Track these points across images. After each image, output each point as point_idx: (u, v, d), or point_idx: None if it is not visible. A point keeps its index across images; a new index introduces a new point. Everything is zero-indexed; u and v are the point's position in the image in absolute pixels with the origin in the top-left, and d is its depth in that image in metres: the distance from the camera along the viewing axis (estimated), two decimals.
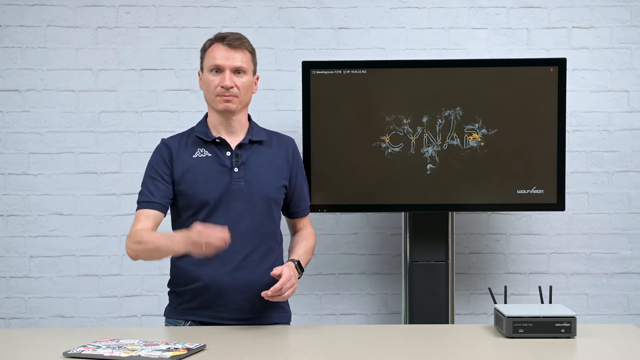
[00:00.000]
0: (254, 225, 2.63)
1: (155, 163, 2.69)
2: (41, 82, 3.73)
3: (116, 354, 2.11)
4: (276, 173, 2.69)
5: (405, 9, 3.76)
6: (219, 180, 2.62)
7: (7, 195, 3.74)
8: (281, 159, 2.73)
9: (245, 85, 2.65)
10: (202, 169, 2.63)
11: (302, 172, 2.81)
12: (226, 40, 2.64)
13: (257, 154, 2.68)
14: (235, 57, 2.63)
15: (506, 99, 3.30)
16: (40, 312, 3.75)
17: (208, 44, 2.70)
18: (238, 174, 2.63)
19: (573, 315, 2.36)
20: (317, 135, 3.28)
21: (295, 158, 2.77)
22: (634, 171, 3.77)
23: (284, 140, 2.78)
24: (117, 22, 3.74)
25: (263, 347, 2.28)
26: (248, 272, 2.61)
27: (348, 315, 3.80)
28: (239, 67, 2.64)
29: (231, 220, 2.58)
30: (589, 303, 3.79)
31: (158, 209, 2.62)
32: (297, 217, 2.83)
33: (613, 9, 3.75)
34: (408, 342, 2.40)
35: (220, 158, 2.64)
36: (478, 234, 3.80)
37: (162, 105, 3.76)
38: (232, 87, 2.61)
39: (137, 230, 2.57)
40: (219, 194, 2.61)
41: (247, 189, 2.62)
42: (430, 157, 3.31)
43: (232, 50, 2.63)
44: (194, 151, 2.66)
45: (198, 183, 2.61)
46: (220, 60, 2.63)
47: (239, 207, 2.61)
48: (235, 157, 2.64)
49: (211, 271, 2.60)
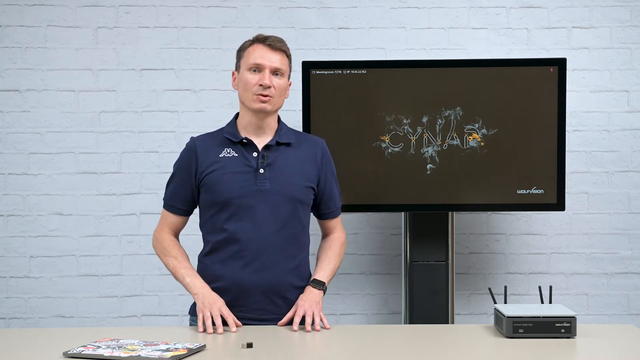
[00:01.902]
0: (279, 226, 2.63)
1: (181, 164, 2.73)
2: (41, 82, 3.73)
3: (116, 354, 2.11)
4: (302, 174, 2.69)
5: (405, 9, 3.76)
6: (243, 180, 2.63)
7: (7, 195, 3.74)
8: (309, 160, 2.72)
9: (281, 87, 2.66)
10: (227, 168, 2.64)
11: (332, 174, 2.80)
12: (268, 41, 2.66)
13: (284, 155, 2.68)
14: (275, 59, 2.64)
15: (506, 99, 3.30)
16: (40, 312, 3.75)
17: (247, 44, 2.70)
18: (263, 175, 2.63)
19: (573, 315, 2.36)
20: (317, 135, 3.28)
21: (325, 159, 2.76)
22: (634, 171, 3.77)
23: (313, 142, 2.78)
24: (117, 22, 3.74)
25: (263, 347, 2.28)
26: (271, 273, 2.62)
27: (348, 315, 3.80)
28: (278, 68, 2.65)
29: (255, 221, 2.61)
30: (589, 303, 3.79)
31: (180, 214, 2.74)
32: (327, 219, 2.82)
33: (613, 9, 3.75)
34: (408, 342, 2.40)
35: (247, 159, 2.65)
36: (478, 234, 3.80)
37: (162, 105, 3.76)
38: (270, 86, 2.62)
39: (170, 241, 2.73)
40: (243, 193, 2.62)
41: (272, 190, 2.63)
42: (430, 157, 3.31)
43: (272, 51, 2.65)
44: (221, 151, 2.68)
45: (223, 182, 2.63)
46: (261, 59, 2.63)
47: (263, 208, 2.62)
48: (261, 158, 2.65)
49: (235, 271, 2.62)
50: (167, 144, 3.74)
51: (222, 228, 2.64)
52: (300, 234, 2.69)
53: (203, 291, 2.56)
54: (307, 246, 2.74)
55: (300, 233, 2.69)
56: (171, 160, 3.74)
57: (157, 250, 2.74)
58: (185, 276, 2.62)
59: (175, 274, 2.66)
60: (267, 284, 2.62)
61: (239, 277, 2.62)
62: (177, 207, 2.72)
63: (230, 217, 2.63)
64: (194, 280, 2.61)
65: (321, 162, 2.74)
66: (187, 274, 2.63)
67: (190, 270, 2.65)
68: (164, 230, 2.74)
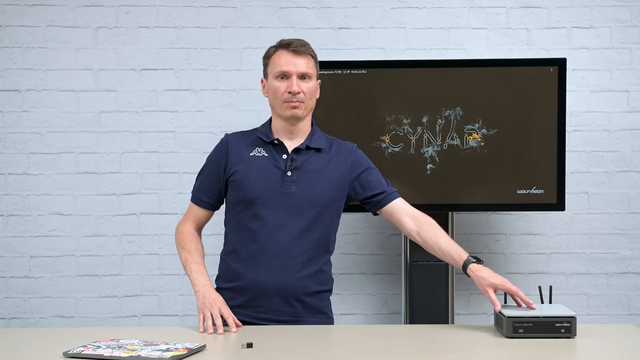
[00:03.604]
0: (301, 229, 2.63)
1: (212, 158, 2.75)
2: (41, 82, 3.73)
3: (116, 354, 2.11)
4: (330, 180, 2.67)
5: (405, 9, 3.76)
6: (270, 180, 2.63)
7: (7, 195, 3.74)
8: (339, 167, 2.70)
9: (310, 90, 2.66)
10: (256, 167, 2.65)
11: (369, 165, 2.74)
12: (291, 46, 2.65)
13: (313, 159, 2.68)
14: (300, 63, 2.64)
15: (506, 99, 3.30)
16: (40, 312, 3.75)
17: (272, 51, 2.69)
18: (290, 177, 2.63)
19: (573, 315, 2.36)
20: None
21: (357, 160, 2.72)
22: (634, 171, 3.77)
23: (344, 147, 2.76)
24: (117, 22, 3.74)
25: (262, 347, 2.28)
26: (290, 276, 2.62)
27: (348, 315, 3.80)
28: (305, 72, 2.64)
29: (278, 222, 2.62)
30: (589, 303, 3.79)
31: (206, 208, 2.75)
32: (389, 202, 2.69)
33: (613, 9, 3.75)
34: (408, 342, 2.40)
35: (276, 160, 2.66)
36: (478, 234, 3.80)
37: (162, 105, 3.76)
38: (299, 92, 2.62)
39: (189, 234, 2.73)
40: (268, 193, 2.62)
41: (298, 194, 2.63)
42: (430, 157, 3.31)
43: (297, 56, 2.64)
44: (252, 149, 2.69)
45: (250, 180, 2.64)
46: (287, 66, 2.63)
47: (287, 210, 2.62)
48: (290, 160, 2.65)
49: (255, 271, 2.62)
50: (167, 144, 3.74)
51: (245, 227, 2.65)
52: (323, 239, 2.68)
53: (204, 290, 2.56)
54: (330, 252, 2.73)
55: (324, 238, 2.68)
56: (171, 160, 3.75)
57: (176, 241, 2.75)
58: (192, 271, 2.62)
59: (185, 267, 2.68)
60: (285, 286, 2.61)
61: (258, 277, 2.62)
62: (203, 200, 2.73)
63: (254, 216, 2.63)
64: (198, 277, 2.60)
65: (351, 165, 2.72)
66: (195, 269, 2.63)
67: (199, 266, 2.64)
68: (187, 222, 2.75)
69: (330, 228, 2.70)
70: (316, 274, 2.67)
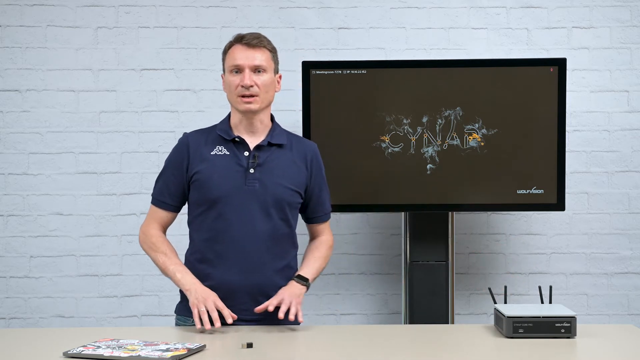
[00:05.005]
0: (267, 227, 2.62)
1: (172, 159, 2.72)
2: (41, 82, 3.73)
3: (116, 354, 2.11)
4: (291, 177, 2.67)
5: (405, 9, 3.76)
6: (233, 179, 2.62)
7: (7, 195, 3.74)
8: (299, 164, 2.70)
9: (265, 83, 2.64)
10: (218, 166, 2.64)
11: (322, 178, 2.78)
12: (244, 39, 2.64)
13: (275, 156, 2.67)
14: (254, 56, 2.63)
15: (506, 99, 3.30)
16: (40, 312, 3.75)
17: (228, 45, 2.69)
18: (253, 175, 2.62)
19: (573, 315, 2.36)
20: (317, 135, 3.28)
21: (315, 164, 2.74)
22: (634, 171, 3.77)
23: (304, 144, 2.76)
24: (117, 22, 3.74)
25: (263, 347, 2.28)
26: (258, 274, 2.61)
27: (348, 315, 3.80)
28: (258, 65, 2.63)
29: (244, 221, 2.60)
30: (589, 303, 3.79)
31: (169, 210, 2.72)
32: (315, 223, 2.80)
33: (613, 9, 3.75)
34: (408, 342, 2.40)
35: (238, 157, 2.64)
36: (478, 234, 3.80)
37: (162, 105, 3.76)
38: (252, 85, 2.61)
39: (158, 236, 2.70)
40: (231, 192, 2.61)
41: (261, 191, 2.62)
42: (430, 157, 3.31)
43: (250, 49, 2.63)
44: (213, 148, 2.67)
45: (212, 180, 2.62)
46: (240, 60, 2.63)
47: (252, 208, 2.61)
48: (252, 158, 2.64)
49: (223, 271, 2.61)
50: (167, 144, 3.74)
51: (209, 227, 2.63)
52: (288, 235, 2.68)
53: (195, 287, 2.55)
54: (295, 247, 2.73)
55: (288, 234, 2.68)
56: None
57: (145, 246, 2.71)
58: (175, 272, 2.60)
59: (164, 270, 2.64)
60: (253, 285, 2.60)
61: (226, 277, 2.60)
62: (166, 202, 2.70)
63: (218, 216, 2.61)
64: (185, 276, 2.59)
65: (311, 166, 2.73)
66: (178, 269, 2.61)
67: (180, 266, 2.63)
68: (152, 225, 2.72)
69: (293, 223, 2.70)
70: (283, 270, 2.65)
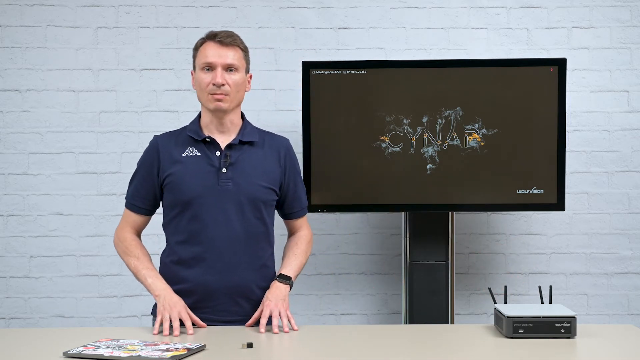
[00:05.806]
0: (242, 226, 2.61)
1: (143, 163, 2.70)
2: (41, 82, 3.73)
3: (116, 354, 2.11)
4: (265, 175, 2.66)
5: (405, 9, 3.76)
6: (206, 180, 2.60)
7: (7, 195, 3.74)
8: (272, 160, 2.69)
9: (236, 83, 2.62)
10: (190, 167, 2.62)
11: (296, 173, 2.76)
12: (217, 37, 2.61)
13: (247, 154, 2.65)
14: (227, 55, 2.60)
15: (506, 99, 3.30)
16: (40, 312, 3.75)
17: (200, 42, 2.66)
18: (226, 174, 2.60)
19: (573, 315, 2.36)
20: (317, 135, 3.28)
21: (288, 159, 2.73)
22: (634, 171, 3.77)
23: (277, 140, 2.74)
24: (117, 22, 3.74)
25: (263, 347, 2.28)
26: (235, 275, 2.61)
27: (348, 315, 3.80)
28: (230, 64, 2.60)
29: (218, 221, 2.59)
30: (589, 303, 3.79)
31: (142, 213, 2.72)
32: (292, 219, 2.80)
33: (613, 9, 3.75)
34: (408, 342, 2.40)
35: (210, 158, 2.63)
36: (478, 234, 3.80)
37: (162, 105, 3.76)
38: (224, 84, 2.59)
39: (132, 240, 2.70)
40: (205, 193, 2.59)
41: (235, 190, 2.60)
42: (430, 157, 3.31)
43: (223, 47, 2.61)
44: (184, 150, 2.65)
45: (185, 181, 2.60)
46: (212, 57, 2.60)
47: (226, 208, 2.60)
48: (224, 157, 2.62)
49: (199, 273, 2.60)
50: None
51: (184, 229, 2.62)
52: (264, 233, 2.67)
53: (165, 293, 2.54)
54: (271, 245, 2.72)
55: (264, 233, 2.67)
56: None
57: (119, 250, 2.70)
58: (147, 277, 2.59)
59: (136, 274, 2.63)
60: (231, 286, 2.60)
61: (203, 279, 2.59)
62: (139, 206, 2.69)
63: (193, 217, 2.60)
64: (155, 281, 2.58)
65: (285, 162, 2.71)
66: (149, 274, 2.60)
67: (152, 271, 2.62)
68: (126, 229, 2.71)
69: (269, 221, 2.69)
70: (261, 269, 2.65)
